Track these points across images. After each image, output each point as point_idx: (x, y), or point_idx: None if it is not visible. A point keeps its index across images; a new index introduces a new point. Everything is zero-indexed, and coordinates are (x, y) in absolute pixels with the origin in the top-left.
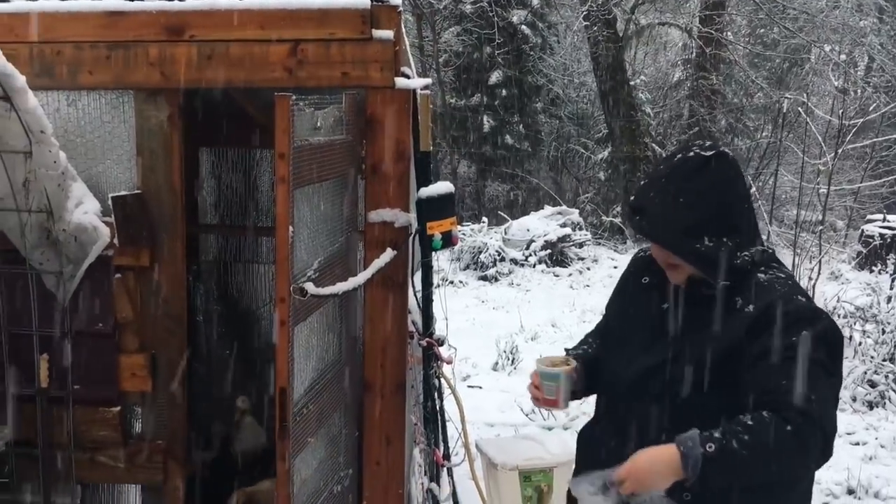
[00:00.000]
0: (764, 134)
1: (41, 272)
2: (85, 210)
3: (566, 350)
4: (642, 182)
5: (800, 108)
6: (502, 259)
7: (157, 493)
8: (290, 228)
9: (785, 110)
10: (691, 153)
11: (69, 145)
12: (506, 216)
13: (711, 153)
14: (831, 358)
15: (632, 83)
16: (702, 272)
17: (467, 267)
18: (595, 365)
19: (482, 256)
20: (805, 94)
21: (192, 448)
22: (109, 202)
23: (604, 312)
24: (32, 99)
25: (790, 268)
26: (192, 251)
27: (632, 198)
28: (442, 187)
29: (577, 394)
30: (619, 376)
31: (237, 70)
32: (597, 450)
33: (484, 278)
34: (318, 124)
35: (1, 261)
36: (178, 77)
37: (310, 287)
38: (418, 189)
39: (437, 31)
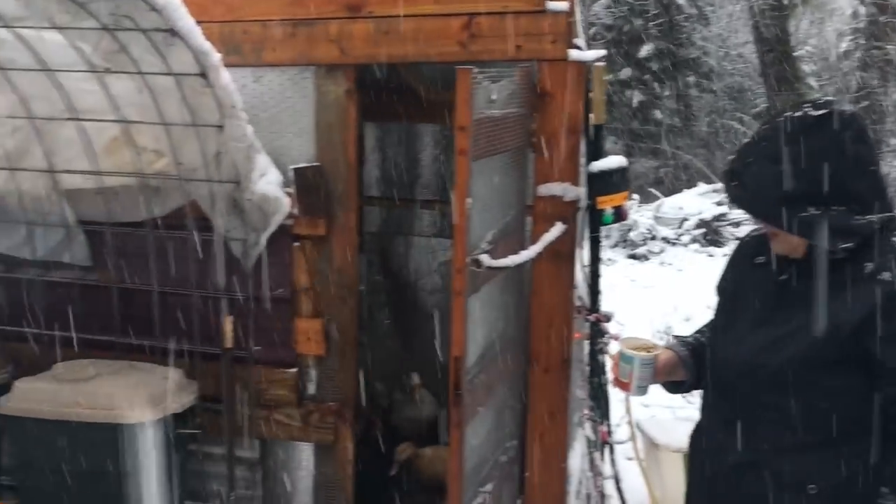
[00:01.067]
0: None
1: (228, 239)
2: (269, 181)
3: (675, 337)
4: (744, 143)
5: None
6: (653, 237)
7: (328, 452)
8: (469, 200)
9: None
10: (799, 112)
11: (254, 119)
12: (657, 193)
13: (822, 112)
14: None
15: (795, 54)
16: (815, 241)
17: (616, 245)
18: (706, 353)
19: (632, 234)
20: None
21: (360, 412)
22: (290, 173)
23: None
24: (225, 75)
25: None
26: (358, 223)
27: (730, 158)
28: (614, 161)
29: (683, 385)
30: (727, 359)
31: (412, 44)
32: (700, 445)
33: (633, 257)
34: (494, 97)
35: (193, 228)
36: (356, 52)
37: (485, 259)
38: (589, 163)
39: (586, 4)
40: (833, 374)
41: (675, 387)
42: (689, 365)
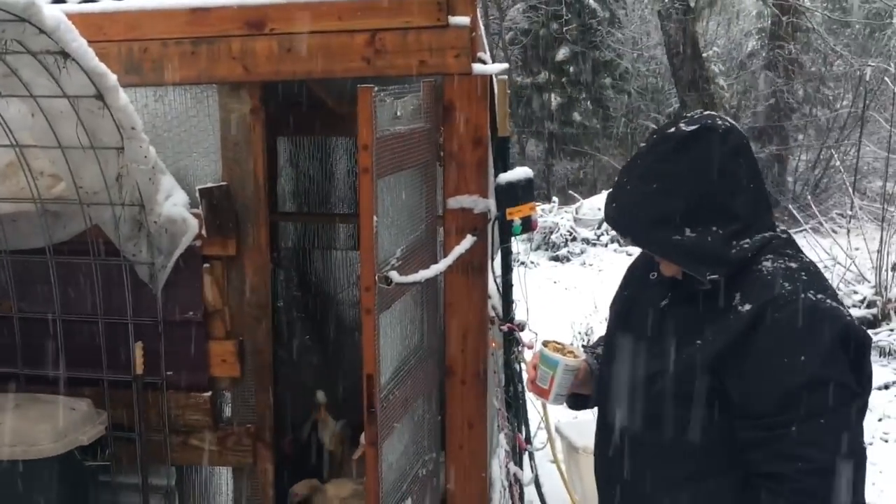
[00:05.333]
0: (844, 103)
1: (134, 263)
2: (174, 202)
3: (583, 347)
4: (624, 165)
5: (884, 76)
6: (574, 239)
7: (247, 475)
8: (375, 218)
9: (867, 78)
10: (672, 129)
11: (157, 139)
12: (576, 195)
13: (695, 127)
14: (852, 371)
15: (704, 55)
16: (684, 267)
17: (538, 247)
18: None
19: (553, 237)
20: (888, 61)
21: (279, 433)
22: (196, 194)
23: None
24: (123, 96)
25: (878, 243)
26: (272, 239)
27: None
28: (520, 173)
29: (589, 401)
30: (610, 390)
31: (317, 61)
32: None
33: (556, 259)
34: (398, 113)
35: (98, 253)
36: (260, 70)
37: (394, 275)
38: (496, 175)
39: (503, 9)
40: (698, 408)
41: (579, 402)
42: (592, 380)
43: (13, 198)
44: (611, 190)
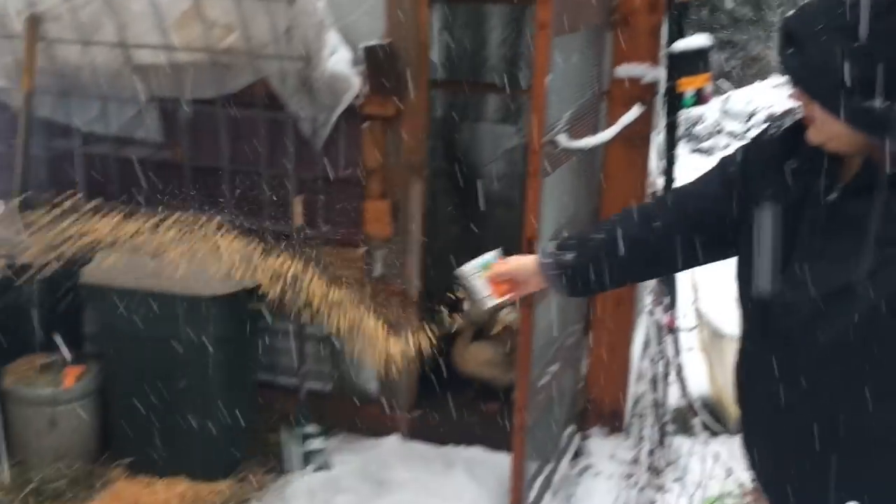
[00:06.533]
0: None
1: (298, 118)
2: (339, 59)
3: (558, 244)
4: (810, 2)
5: None
6: (720, 132)
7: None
8: (548, 77)
9: None
10: None
11: None
12: (726, 86)
13: None
14: None
15: None
16: (876, 137)
17: (680, 138)
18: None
19: (697, 128)
20: None
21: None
22: (360, 52)
23: (674, 200)
24: None
25: None
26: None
27: (789, 17)
28: (697, 41)
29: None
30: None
31: None
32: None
33: (698, 151)
34: None
35: (264, 107)
36: None
37: (562, 139)
38: (670, 43)
39: None
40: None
41: (576, 289)
42: (554, 279)
43: (188, 47)
44: (787, 30)
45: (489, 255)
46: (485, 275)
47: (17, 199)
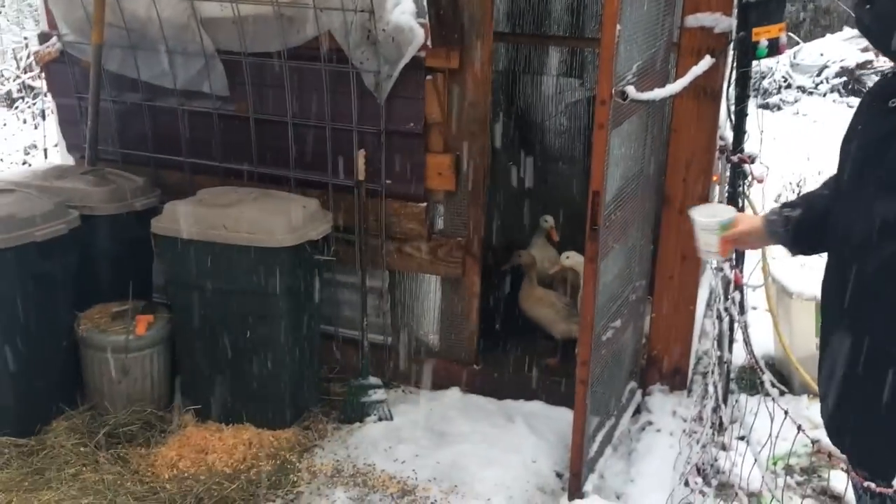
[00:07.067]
0: None
1: (361, 71)
2: (402, 10)
3: (783, 205)
4: None
5: None
6: (788, 86)
7: (455, 285)
8: (618, 27)
9: None
10: None
11: None
12: (795, 38)
13: None
14: None
15: None
16: None
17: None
18: (815, 222)
19: (765, 82)
20: None
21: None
22: (424, 3)
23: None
24: None
25: None
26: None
27: None
28: None
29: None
30: (847, 234)
31: None
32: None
33: (765, 106)
34: None
35: (328, 60)
36: None
37: (630, 91)
38: None
39: None
40: None
41: (804, 247)
42: (781, 234)
43: (253, 0)
44: None
45: (726, 214)
46: (721, 234)
47: (89, 151)
